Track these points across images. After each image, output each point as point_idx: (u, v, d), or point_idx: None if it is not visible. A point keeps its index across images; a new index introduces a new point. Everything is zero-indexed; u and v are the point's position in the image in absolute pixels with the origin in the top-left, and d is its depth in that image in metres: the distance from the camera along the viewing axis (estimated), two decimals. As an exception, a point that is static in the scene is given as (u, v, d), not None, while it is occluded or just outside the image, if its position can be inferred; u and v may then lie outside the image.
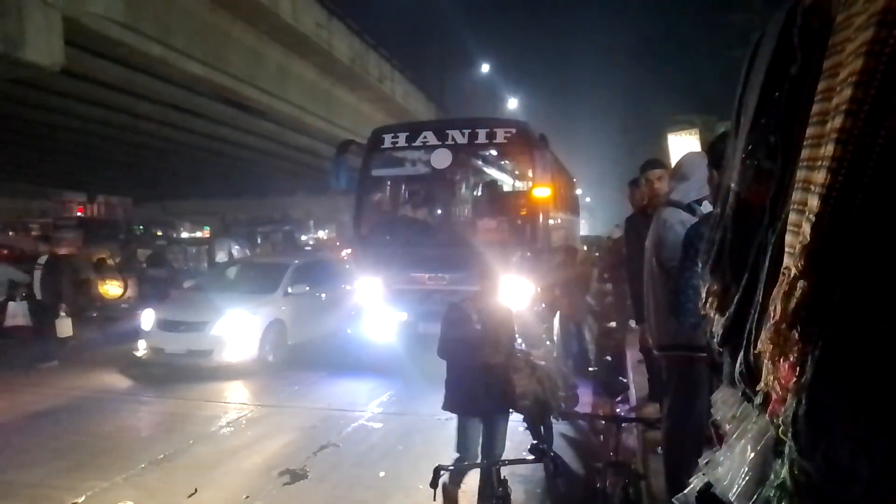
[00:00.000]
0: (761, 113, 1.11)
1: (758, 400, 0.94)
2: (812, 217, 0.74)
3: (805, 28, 0.97)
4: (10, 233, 22.83)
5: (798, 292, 0.75)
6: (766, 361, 0.82)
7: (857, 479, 0.66)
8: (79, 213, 31.98)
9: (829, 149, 0.73)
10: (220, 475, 4.92)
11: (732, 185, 1.25)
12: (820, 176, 0.73)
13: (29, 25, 9.77)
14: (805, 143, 0.84)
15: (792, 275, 0.77)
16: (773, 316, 0.81)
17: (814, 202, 0.74)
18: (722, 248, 1.30)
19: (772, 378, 0.81)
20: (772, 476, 0.83)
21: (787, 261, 0.84)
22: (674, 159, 5.39)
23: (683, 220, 3.38)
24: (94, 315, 11.85)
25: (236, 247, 16.00)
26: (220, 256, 14.87)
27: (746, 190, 1.17)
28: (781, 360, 0.78)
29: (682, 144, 8.43)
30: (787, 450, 0.76)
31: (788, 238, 0.85)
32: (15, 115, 16.36)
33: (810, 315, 0.73)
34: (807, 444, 0.72)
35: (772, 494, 0.81)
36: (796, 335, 0.75)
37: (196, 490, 4.55)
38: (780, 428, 0.78)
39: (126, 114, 17.10)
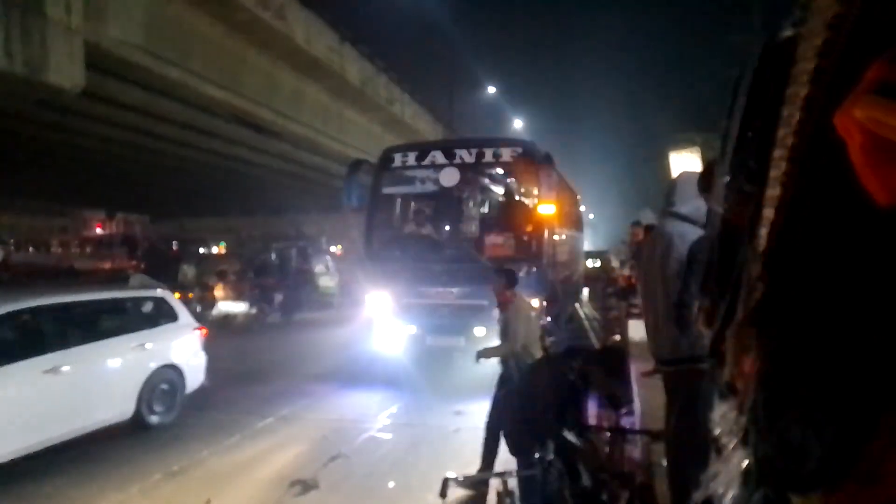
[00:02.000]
0: (742, 140, 1.15)
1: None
2: (766, 226, 0.82)
3: (774, 61, 1.02)
4: (31, 248, 23.38)
5: (756, 294, 0.82)
6: (728, 360, 0.90)
7: (810, 457, 0.72)
8: (97, 230, 32.54)
9: (782, 167, 0.82)
10: (233, 486, 5.04)
11: (717, 207, 1.31)
12: (774, 191, 0.82)
13: (51, 50, 10.13)
14: (772, 165, 0.91)
15: (750, 279, 0.85)
16: (736, 319, 0.88)
17: (769, 213, 0.83)
18: (710, 267, 1.34)
19: (735, 372, 0.87)
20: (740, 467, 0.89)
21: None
22: (675, 174, 5.50)
23: (683, 233, 3.50)
24: None
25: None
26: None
27: (730, 211, 1.22)
28: (743, 356, 0.85)
29: (683, 162, 8.55)
30: (750, 438, 0.82)
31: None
32: (37, 136, 16.82)
33: (766, 314, 0.80)
34: (764, 428, 0.78)
35: (741, 480, 0.86)
36: (754, 332, 0.82)
37: (209, 501, 4.64)
38: (744, 417, 0.84)
39: (145, 134, 17.52)
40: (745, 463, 0.86)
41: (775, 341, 0.79)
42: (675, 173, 8.09)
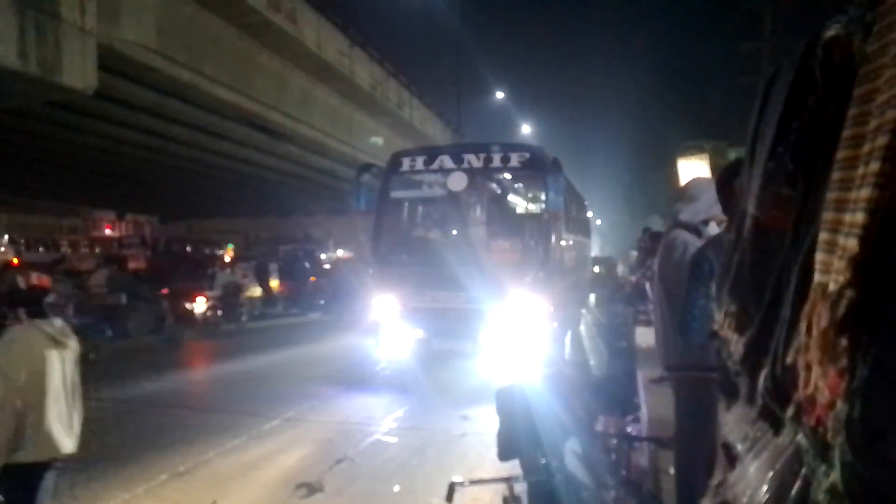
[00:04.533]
0: (778, 142, 1.15)
1: (790, 412, 0.95)
2: (858, 231, 0.77)
3: (826, 61, 1.01)
4: (41, 248, 23.62)
5: (845, 301, 0.77)
6: (814, 368, 0.83)
7: None
8: (107, 230, 32.79)
9: (872, 167, 0.77)
10: (238, 488, 5.05)
11: (750, 210, 1.29)
12: (863, 193, 0.77)
13: (65, 51, 10.21)
14: (836, 167, 0.88)
15: (838, 286, 0.80)
16: (818, 326, 0.83)
17: (858, 217, 0.78)
18: (740, 271, 1.33)
19: (821, 384, 0.81)
20: (818, 482, 0.84)
21: (819, 278, 0.86)
22: (684, 181, 5.51)
23: (688, 242, 3.50)
24: None
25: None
26: None
27: (765, 215, 1.21)
28: (830, 366, 0.79)
29: (692, 169, 8.52)
30: (837, 454, 0.76)
31: (820, 256, 0.87)
32: (49, 136, 16.96)
33: (859, 323, 0.76)
34: (862, 447, 0.73)
35: (821, 499, 0.81)
36: (845, 342, 0.77)
37: (215, 502, 4.66)
38: (829, 433, 0.79)
39: (156, 136, 17.63)
40: (830, 480, 0.81)
41: (873, 353, 0.75)
42: (683, 180, 8.08)
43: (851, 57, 0.94)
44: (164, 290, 12.23)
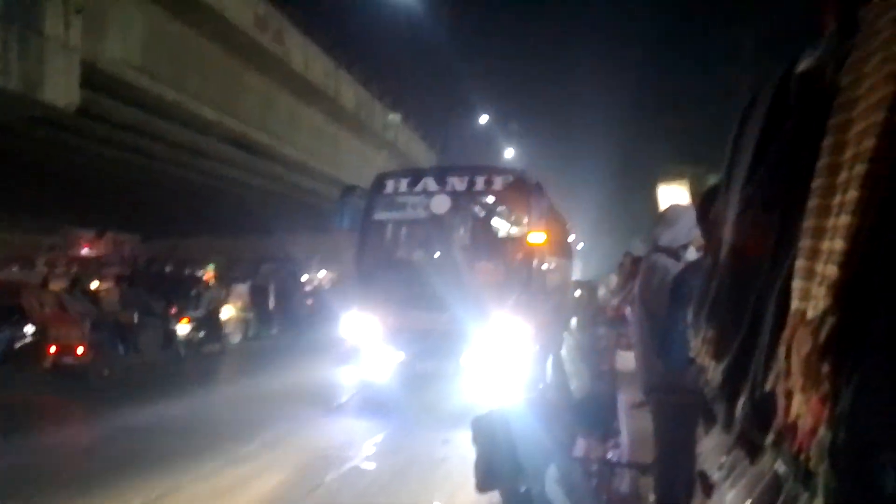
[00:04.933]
0: (755, 170, 1.17)
1: (769, 439, 0.95)
2: (838, 257, 0.78)
3: (801, 91, 1.05)
4: (14, 268, 23.20)
5: (827, 328, 0.77)
6: (796, 395, 0.83)
7: None
8: (84, 249, 32.30)
9: (850, 195, 0.78)
10: (213, 513, 4.96)
11: (727, 236, 1.29)
12: (842, 220, 0.78)
13: (48, 67, 10.13)
14: (813, 195, 0.89)
15: (818, 312, 0.80)
16: (799, 353, 0.83)
17: (836, 244, 0.78)
18: (718, 296, 1.34)
19: (804, 411, 0.81)
20: None
21: (797, 304, 0.87)
22: (664, 206, 5.60)
23: (668, 266, 3.54)
24: None
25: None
26: None
27: (743, 241, 1.22)
28: (812, 393, 0.79)
29: (673, 193, 8.65)
30: (821, 480, 0.76)
31: (798, 283, 0.88)
32: (30, 153, 16.74)
33: (841, 348, 0.76)
34: (846, 473, 0.72)
35: None
36: (827, 368, 0.77)
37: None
38: (812, 460, 0.78)
39: (138, 154, 17.48)
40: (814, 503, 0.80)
41: (856, 378, 0.74)
42: (663, 205, 8.20)
43: (825, 87, 0.96)
44: (174, 309, 12.39)
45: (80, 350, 9.43)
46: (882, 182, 0.74)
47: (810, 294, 0.83)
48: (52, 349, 9.50)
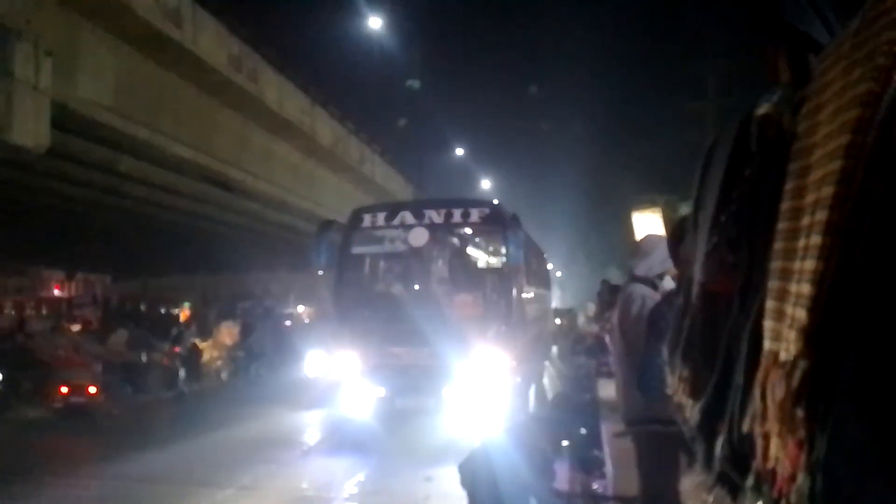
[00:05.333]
0: (720, 211, 1.18)
1: (749, 482, 0.93)
2: (806, 302, 0.78)
3: (760, 136, 1.06)
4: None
5: (798, 373, 0.78)
6: (773, 439, 0.83)
7: None
8: (55, 291, 31.58)
9: (814, 240, 0.79)
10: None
11: (696, 276, 1.30)
12: (807, 265, 0.79)
13: (17, 109, 9.99)
14: (778, 237, 0.90)
15: (790, 356, 0.80)
16: (773, 397, 0.83)
17: (804, 288, 0.79)
18: (691, 336, 1.33)
19: (781, 456, 0.81)
20: None
21: (769, 345, 0.87)
22: (638, 235, 5.67)
23: (646, 295, 3.57)
24: None
25: None
26: None
27: (712, 281, 1.22)
28: (788, 438, 0.79)
29: (646, 222, 8.74)
30: None
31: (769, 323, 0.88)
32: (-3, 195, 16.45)
33: (814, 393, 0.76)
34: None
35: None
36: (801, 413, 0.77)
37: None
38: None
39: (109, 193, 17.26)
40: None
41: (831, 423, 0.74)
42: (638, 233, 8.30)
43: (783, 133, 0.99)
44: (176, 349, 12.69)
45: (92, 390, 9.84)
46: (843, 228, 0.76)
47: (781, 335, 0.84)
48: (64, 389, 9.81)
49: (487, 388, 7.17)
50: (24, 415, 9.97)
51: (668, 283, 3.57)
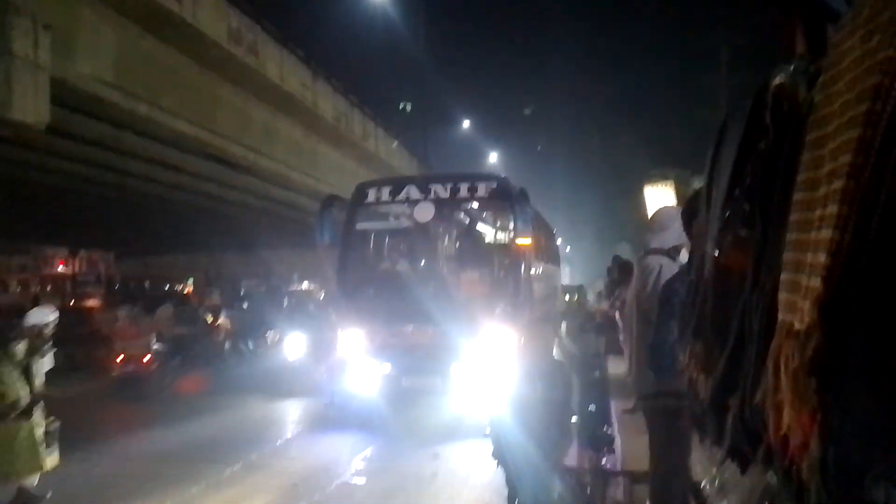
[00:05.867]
0: (734, 185, 1.19)
1: (760, 453, 0.96)
2: (822, 271, 0.79)
3: (775, 108, 1.06)
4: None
5: (813, 342, 0.79)
6: (786, 409, 0.84)
7: None
8: (59, 268, 31.71)
9: (830, 209, 0.79)
10: (196, 539, 4.78)
11: (709, 252, 1.31)
12: (823, 234, 0.80)
13: (16, 86, 9.87)
14: (794, 209, 0.91)
15: (803, 326, 0.81)
16: (787, 368, 0.84)
17: (819, 258, 0.80)
18: (703, 312, 1.35)
19: (794, 425, 0.83)
20: None
21: (783, 316, 0.88)
22: (650, 209, 5.59)
23: (662, 264, 3.49)
24: None
25: None
26: None
27: (724, 256, 1.23)
28: (802, 407, 0.81)
29: (658, 196, 8.66)
30: (812, 495, 0.78)
31: (784, 295, 0.89)
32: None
33: (828, 363, 0.77)
34: (838, 488, 0.74)
35: None
36: (815, 383, 0.78)
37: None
38: (804, 474, 0.80)
39: (111, 170, 17.16)
40: None
41: (844, 391, 0.75)
42: (650, 207, 8.20)
43: (798, 105, 1.00)
44: (219, 322, 13.20)
45: (145, 359, 10.61)
46: (860, 197, 0.76)
47: (796, 306, 0.85)
48: (120, 359, 10.72)
49: (494, 366, 7.11)
50: (80, 385, 10.76)
51: (685, 257, 3.48)
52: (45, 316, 5.62)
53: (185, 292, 25.00)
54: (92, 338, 12.67)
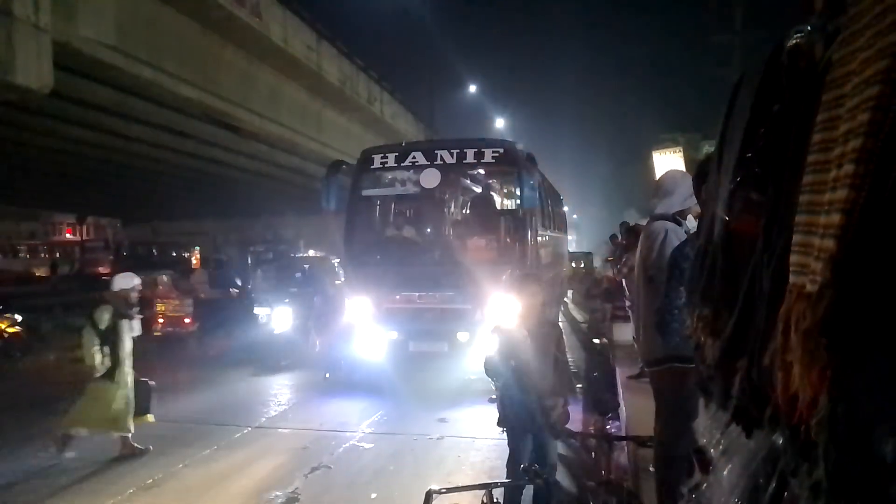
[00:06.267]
0: (746, 148, 1.17)
1: (767, 413, 0.97)
2: (835, 231, 0.79)
3: (791, 68, 1.04)
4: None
5: (826, 301, 0.79)
6: (795, 368, 0.85)
7: None
8: (67, 234, 31.88)
9: (846, 168, 0.79)
10: (209, 500, 4.87)
11: (719, 215, 1.30)
12: (838, 194, 0.79)
13: (19, 50, 9.77)
14: (808, 170, 0.90)
15: (817, 286, 0.81)
16: (798, 327, 0.85)
17: (833, 219, 0.80)
18: (712, 275, 1.34)
19: (803, 383, 0.83)
20: (800, 480, 0.87)
21: (794, 279, 0.88)
22: (658, 175, 5.52)
23: (668, 229, 3.46)
24: None
25: None
26: None
27: (735, 220, 1.22)
28: (812, 365, 0.81)
29: (667, 162, 8.56)
30: (821, 451, 0.79)
31: (795, 258, 0.89)
32: (3, 138, 16.32)
33: (839, 322, 0.77)
34: (847, 444, 0.75)
35: (805, 497, 0.83)
36: (826, 341, 0.79)
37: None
38: (812, 431, 0.81)
39: (116, 136, 17.09)
40: (813, 478, 0.81)
41: (855, 349, 0.75)
42: (658, 173, 8.10)
43: (815, 64, 0.97)
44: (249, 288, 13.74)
45: (186, 320, 11.59)
46: (877, 155, 0.75)
47: (808, 268, 0.85)
48: (161, 321, 11.59)
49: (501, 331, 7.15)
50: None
51: (691, 223, 3.45)
52: (129, 281, 5.84)
53: (195, 260, 25.07)
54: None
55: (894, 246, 0.74)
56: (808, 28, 1.04)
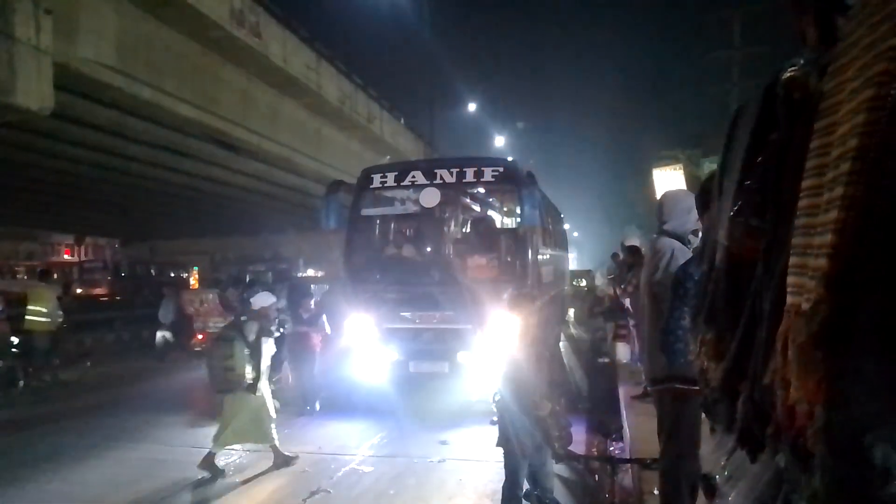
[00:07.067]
0: (746, 176, 1.22)
1: (769, 430, 0.99)
2: (827, 250, 0.83)
3: (787, 98, 1.09)
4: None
5: (819, 316, 0.83)
6: (793, 382, 0.88)
7: (893, 478, 0.73)
8: (65, 256, 31.78)
9: (837, 191, 0.83)
10: (206, 525, 4.80)
11: (721, 241, 1.33)
12: (830, 215, 0.84)
13: (19, 71, 9.80)
14: (802, 195, 0.94)
15: (811, 303, 0.85)
16: (794, 342, 0.88)
17: (826, 238, 0.84)
18: (715, 299, 1.37)
19: (800, 395, 0.86)
20: (800, 493, 0.88)
21: (792, 299, 0.92)
22: (659, 193, 5.50)
23: (675, 247, 3.42)
24: None
25: None
26: None
27: (737, 246, 1.26)
28: (808, 377, 0.84)
29: (667, 179, 8.55)
30: (817, 460, 0.81)
31: (792, 279, 0.93)
32: (2, 158, 16.33)
33: (834, 334, 0.81)
34: (842, 451, 0.78)
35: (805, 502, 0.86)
36: (821, 354, 0.82)
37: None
38: (809, 441, 0.83)
39: (115, 155, 17.10)
40: (811, 487, 0.83)
41: (849, 361, 0.79)
42: (659, 190, 8.09)
43: (809, 94, 1.02)
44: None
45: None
46: (865, 178, 0.79)
47: (804, 288, 0.88)
48: (200, 336, 12.25)
49: (501, 351, 7.08)
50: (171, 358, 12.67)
51: (696, 241, 3.41)
52: (268, 299, 6.27)
53: (194, 279, 24.95)
54: (182, 318, 13.84)
55: (885, 263, 0.77)
56: (802, 61, 1.09)
